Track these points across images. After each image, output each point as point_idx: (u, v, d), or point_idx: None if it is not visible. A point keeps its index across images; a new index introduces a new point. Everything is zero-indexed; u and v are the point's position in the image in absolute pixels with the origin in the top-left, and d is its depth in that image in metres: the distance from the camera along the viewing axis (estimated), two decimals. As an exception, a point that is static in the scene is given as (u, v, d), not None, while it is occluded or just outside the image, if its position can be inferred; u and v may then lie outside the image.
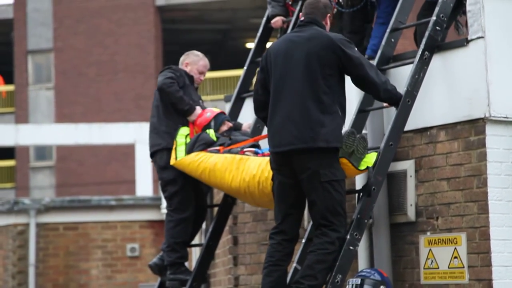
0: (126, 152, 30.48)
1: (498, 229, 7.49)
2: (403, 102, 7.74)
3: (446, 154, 7.82)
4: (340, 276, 7.45)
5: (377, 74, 7.44)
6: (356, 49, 7.42)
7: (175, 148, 8.43)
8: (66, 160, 36.65)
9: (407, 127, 7.90)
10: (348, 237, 7.50)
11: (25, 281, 17.11)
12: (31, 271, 17.10)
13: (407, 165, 8.07)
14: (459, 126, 7.75)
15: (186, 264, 8.78)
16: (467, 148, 7.67)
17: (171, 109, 8.54)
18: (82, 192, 31.32)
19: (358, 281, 7.58)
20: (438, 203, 7.85)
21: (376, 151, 7.65)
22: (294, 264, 7.62)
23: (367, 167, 7.47)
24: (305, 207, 7.48)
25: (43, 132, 26.47)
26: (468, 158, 7.65)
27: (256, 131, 8.95)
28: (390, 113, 7.99)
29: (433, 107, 7.94)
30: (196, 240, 12.12)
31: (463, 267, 7.63)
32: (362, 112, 8.10)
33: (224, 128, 8.67)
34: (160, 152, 8.58)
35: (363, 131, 8.14)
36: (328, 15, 7.60)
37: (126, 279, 17.27)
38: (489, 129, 7.57)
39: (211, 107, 9.06)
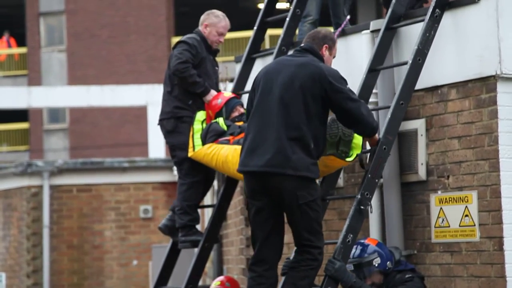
0: (139, 114, 30.53)
1: (509, 186, 7.48)
2: (414, 61, 7.72)
3: (457, 112, 7.80)
4: (351, 235, 7.48)
5: (367, 110, 7.29)
6: (348, 86, 7.31)
7: (192, 136, 8.41)
8: (79, 122, 36.73)
9: (418, 86, 7.88)
10: (359, 196, 7.52)
11: (39, 242, 17.22)
12: (46, 233, 17.20)
13: (418, 124, 8.05)
14: (470, 84, 7.71)
15: (198, 226, 8.79)
16: (478, 106, 7.64)
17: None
18: (95, 154, 31.43)
19: (351, 266, 7.61)
20: (449, 161, 7.84)
21: None
22: None
23: (357, 155, 7.51)
24: (284, 232, 7.36)
25: (56, 95, 26.56)
26: (479, 116, 7.63)
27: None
28: (400, 72, 7.96)
29: (444, 65, 7.91)
30: (208, 201, 12.18)
31: (474, 225, 7.63)
32: (373, 71, 8.08)
33: (235, 114, 8.61)
34: (168, 118, 8.60)
35: (373, 90, 8.12)
36: (325, 45, 7.47)
37: (139, 241, 17.36)
38: (501, 87, 7.53)
39: (223, 91, 9.05)
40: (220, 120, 8.40)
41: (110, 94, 25.11)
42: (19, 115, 37.08)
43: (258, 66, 9.32)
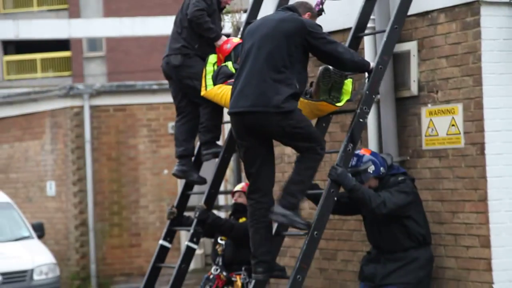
0: (166, 43, 30.39)
1: (491, 99, 7.48)
2: (407, -11, 7.67)
3: (445, 34, 7.76)
4: (351, 145, 7.50)
5: (344, 50, 7.29)
6: (324, 32, 7.27)
7: (205, 76, 8.29)
8: (114, 50, 36.73)
9: (410, 11, 7.82)
10: (358, 111, 7.52)
11: (82, 155, 17.34)
12: (87, 147, 17.31)
13: (411, 46, 8.01)
14: (457, 9, 7.65)
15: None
16: (463, 28, 7.60)
17: (193, 31, 8.43)
18: (129, 78, 31.45)
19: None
20: (438, 78, 7.82)
21: (351, 78, 7.57)
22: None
23: (347, 100, 7.46)
24: (274, 162, 7.34)
25: (93, 26, 26.50)
26: (465, 37, 7.59)
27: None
28: (395, 0, 7.88)
29: (433, -8, 7.86)
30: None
31: (460, 134, 7.64)
32: (370, 0, 8.00)
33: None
34: (175, 54, 8.48)
35: (371, 16, 8.05)
36: (309, 13, 7.43)
37: (168, 153, 17.41)
38: (484, 10, 7.46)
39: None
40: (229, 64, 8.28)
41: (140, 25, 25.02)
42: (62, 44, 37.06)
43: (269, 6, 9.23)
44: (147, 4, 35.55)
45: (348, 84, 7.52)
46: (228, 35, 8.49)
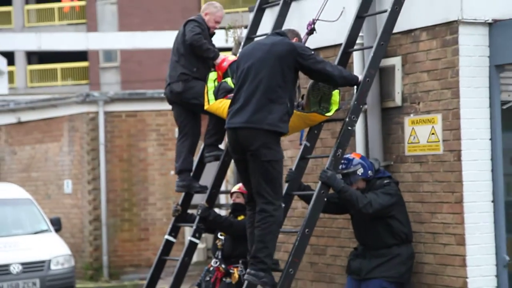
0: (175, 54, 30.35)
1: (467, 110, 7.46)
2: (392, 10, 7.66)
3: (427, 51, 7.75)
4: (340, 150, 7.50)
5: (332, 67, 7.29)
6: (313, 52, 7.28)
7: (207, 92, 8.27)
8: (128, 61, 36.70)
9: (395, 29, 7.82)
10: (347, 119, 7.52)
11: (97, 156, 17.33)
12: (102, 149, 17.30)
13: (395, 61, 8.00)
14: (437, 28, 7.65)
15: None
16: (443, 45, 7.59)
17: (190, 55, 8.40)
18: (141, 87, 31.43)
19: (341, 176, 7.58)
20: (420, 90, 7.81)
21: (338, 89, 7.57)
22: None
23: (335, 110, 7.47)
24: None
25: (108, 39, 26.50)
26: (444, 53, 7.58)
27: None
28: (381, 19, 7.88)
29: (417, 12, 7.82)
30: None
31: (439, 141, 7.62)
32: (360, 18, 8.01)
33: None
34: (176, 81, 8.44)
35: (360, 33, 8.06)
36: (295, 38, 7.45)
37: (174, 155, 17.37)
38: (462, 29, 7.46)
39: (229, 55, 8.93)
40: (229, 80, 8.26)
41: (152, 38, 25.04)
42: (80, 55, 37.07)
43: (267, 15, 9.24)
44: (158, 20, 35.55)
45: (336, 94, 7.53)
46: (230, 49, 8.49)
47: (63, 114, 18.07)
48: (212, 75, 8.40)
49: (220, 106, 8.15)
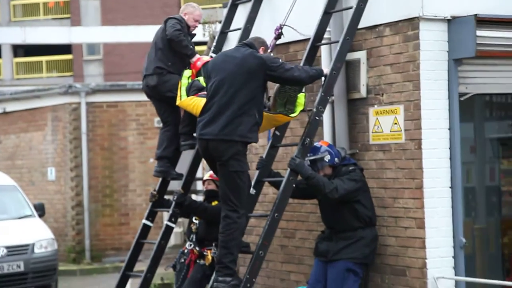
0: (155, 47, 30.17)
1: (427, 101, 7.50)
2: (358, 6, 7.69)
3: (390, 45, 7.77)
4: (308, 139, 7.52)
5: (300, 71, 7.27)
6: (281, 61, 7.27)
7: (180, 88, 8.20)
8: (110, 54, 36.46)
9: (360, 25, 7.84)
10: (314, 110, 7.54)
11: (79, 145, 17.26)
12: (84, 138, 17.23)
13: (361, 55, 8.03)
14: (400, 23, 7.68)
15: None
16: (405, 40, 7.62)
17: (168, 50, 8.33)
18: (124, 79, 31.24)
19: (308, 162, 7.60)
20: (383, 83, 7.83)
21: (303, 93, 7.57)
22: None
23: (300, 111, 7.47)
24: None
25: (92, 33, 26.37)
26: (406, 48, 7.61)
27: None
28: (347, 15, 7.91)
29: (380, 9, 7.85)
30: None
31: (401, 131, 7.66)
32: (327, 14, 8.02)
33: None
34: (151, 75, 8.38)
35: (327, 29, 8.09)
36: (262, 47, 7.44)
37: (153, 144, 17.15)
38: (422, 25, 7.50)
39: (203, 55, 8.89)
40: (201, 79, 8.19)
41: (133, 32, 24.92)
42: (64, 48, 36.77)
43: (240, 10, 9.23)
44: (140, 14, 35.33)
45: (301, 97, 7.52)
46: (206, 43, 8.46)
47: (47, 105, 17.97)
48: (187, 73, 8.35)
49: (190, 103, 8.11)
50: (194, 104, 8.01)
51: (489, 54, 7.56)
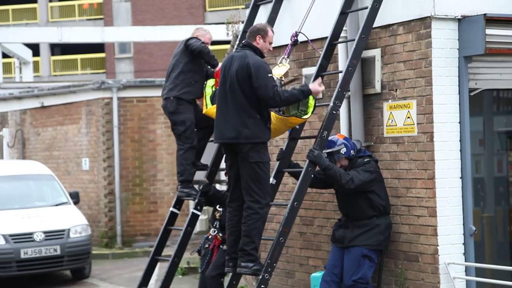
0: (182, 46, 30.18)
1: (439, 96, 7.44)
2: (372, 7, 7.60)
3: (403, 43, 7.71)
4: (326, 132, 7.48)
5: (275, 95, 6.94)
6: (269, 74, 7.00)
7: (205, 98, 8.17)
8: (140, 53, 36.57)
9: (375, 24, 7.78)
10: (332, 104, 7.48)
11: (111, 137, 17.26)
12: (115, 131, 17.23)
13: (375, 52, 7.97)
14: (413, 23, 7.60)
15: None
16: (418, 39, 7.55)
17: (191, 66, 8.24)
18: (152, 75, 31.33)
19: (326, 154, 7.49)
20: (397, 79, 7.77)
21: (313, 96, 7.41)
22: None
23: (312, 112, 7.34)
24: None
25: (123, 32, 26.37)
26: (419, 46, 7.54)
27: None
28: (364, 14, 7.83)
29: (394, 9, 7.78)
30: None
31: (414, 124, 7.60)
32: (343, 14, 7.96)
33: None
34: (170, 99, 8.26)
35: (344, 28, 8.01)
36: (258, 36, 7.20)
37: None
38: (434, 24, 7.43)
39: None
40: None
41: (161, 32, 24.88)
42: (98, 47, 36.93)
43: (262, 11, 9.17)
44: (167, 15, 35.43)
45: (311, 98, 7.39)
46: (229, 42, 8.38)
47: (81, 100, 18.00)
48: (210, 82, 8.29)
49: (215, 110, 8.05)
50: None
51: (498, 51, 7.47)
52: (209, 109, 8.11)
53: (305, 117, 7.40)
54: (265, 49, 7.29)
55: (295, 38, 8.11)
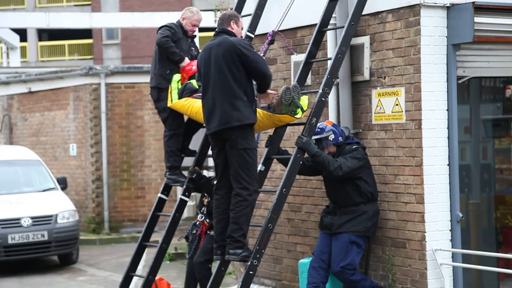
0: (170, 32, 30.03)
1: (427, 84, 7.44)
2: (361, -6, 7.58)
3: (392, 31, 7.69)
4: (314, 119, 7.45)
5: (268, 69, 7.05)
6: (253, 50, 7.05)
7: (170, 92, 8.08)
8: (128, 39, 36.38)
9: (364, 12, 7.75)
10: (321, 91, 7.45)
11: (99, 123, 17.18)
12: (103, 117, 17.14)
13: (364, 40, 7.95)
14: (402, 10, 7.59)
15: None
16: (407, 26, 7.53)
17: (163, 57, 8.13)
18: (139, 61, 31.17)
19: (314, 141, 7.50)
20: (386, 66, 7.76)
21: (307, 95, 7.45)
22: None
23: (303, 111, 7.32)
24: None
25: (110, 18, 26.21)
26: (408, 33, 7.52)
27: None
28: (353, 2, 7.79)
29: (384, -4, 7.77)
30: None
31: (402, 111, 7.60)
32: (333, 1, 7.92)
33: None
34: (153, 89, 8.21)
35: (333, 15, 7.96)
36: (232, 21, 7.17)
37: (168, 122, 17.26)
38: (423, 12, 7.41)
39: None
40: (193, 81, 8.08)
41: (149, 19, 24.74)
42: (85, 33, 36.69)
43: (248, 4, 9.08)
44: (155, 2, 35.24)
45: (304, 100, 7.38)
46: (214, 29, 8.28)
47: (69, 85, 17.88)
48: (176, 77, 8.18)
49: (185, 104, 8.00)
50: (189, 105, 7.94)
51: (486, 39, 7.46)
52: (177, 102, 8.04)
53: (296, 116, 7.36)
54: (239, 34, 7.27)
55: (272, 37, 8.09)
